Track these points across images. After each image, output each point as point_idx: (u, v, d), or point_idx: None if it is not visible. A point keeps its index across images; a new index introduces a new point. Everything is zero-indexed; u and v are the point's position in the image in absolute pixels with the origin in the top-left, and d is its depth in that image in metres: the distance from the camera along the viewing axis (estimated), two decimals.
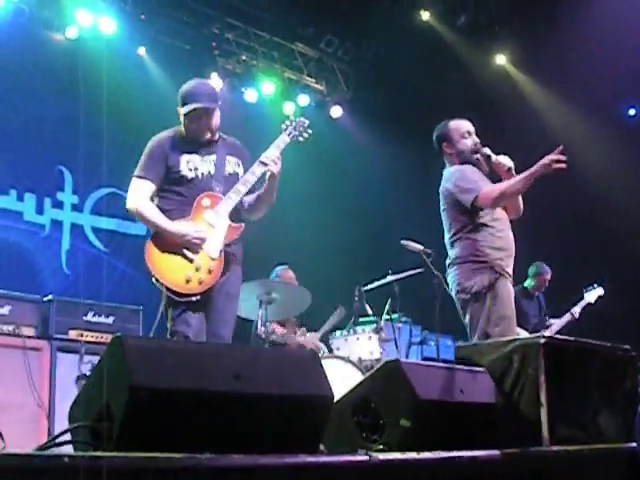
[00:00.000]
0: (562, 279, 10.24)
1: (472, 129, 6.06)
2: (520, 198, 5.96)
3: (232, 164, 5.48)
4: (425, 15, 12.14)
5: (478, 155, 5.96)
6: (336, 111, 13.18)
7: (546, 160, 5.49)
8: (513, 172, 5.77)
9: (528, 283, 10.17)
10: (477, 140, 6.01)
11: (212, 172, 5.36)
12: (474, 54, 12.15)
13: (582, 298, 9.96)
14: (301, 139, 5.73)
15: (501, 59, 12.49)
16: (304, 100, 12.87)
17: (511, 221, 6.02)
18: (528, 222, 6.18)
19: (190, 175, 5.32)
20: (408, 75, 11.87)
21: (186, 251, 5.15)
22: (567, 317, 9.90)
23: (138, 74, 11.21)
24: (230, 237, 5.26)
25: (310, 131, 5.77)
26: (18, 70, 9.96)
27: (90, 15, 10.32)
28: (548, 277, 10.15)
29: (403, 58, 11.89)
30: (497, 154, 5.89)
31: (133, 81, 11.03)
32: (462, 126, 6.06)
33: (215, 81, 11.71)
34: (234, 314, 5.43)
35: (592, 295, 9.96)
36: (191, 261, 5.13)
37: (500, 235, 5.82)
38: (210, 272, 5.13)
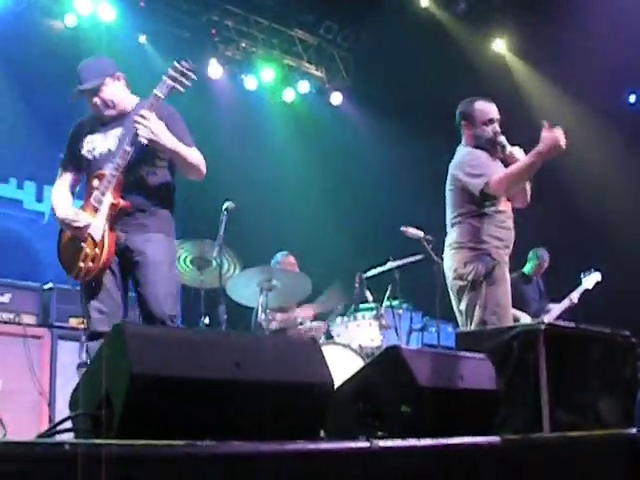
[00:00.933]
0: (560, 264, 10.24)
1: (496, 116, 5.97)
2: (528, 188, 5.94)
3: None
4: (424, 1, 12.10)
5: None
6: (336, 98, 13.14)
7: (550, 139, 5.47)
8: None
9: (527, 268, 10.17)
10: (498, 130, 5.92)
11: (112, 148, 5.09)
12: (474, 41, 12.13)
13: (580, 283, 9.98)
14: (181, 89, 5.12)
15: (500, 46, 12.47)
16: (304, 87, 12.87)
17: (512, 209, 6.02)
18: (527, 207, 6.16)
19: (89, 157, 5.15)
20: (407, 61, 11.85)
21: (76, 239, 5.11)
22: (566, 302, 9.91)
23: (138, 62, 11.19)
24: (110, 214, 4.98)
25: (194, 77, 5.18)
26: (17, 58, 9.94)
27: (89, 3, 10.30)
28: (547, 262, 10.17)
29: (402, 44, 11.87)
30: (513, 145, 5.84)
31: (132, 69, 11.01)
32: (487, 112, 5.96)
33: (215, 68, 11.72)
34: (166, 282, 5.07)
35: (590, 280, 9.97)
36: (80, 249, 5.06)
37: (501, 226, 5.81)
38: (94, 258, 4.99)
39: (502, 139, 5.87)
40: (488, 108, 5.99)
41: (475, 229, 5.76)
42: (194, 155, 5.15)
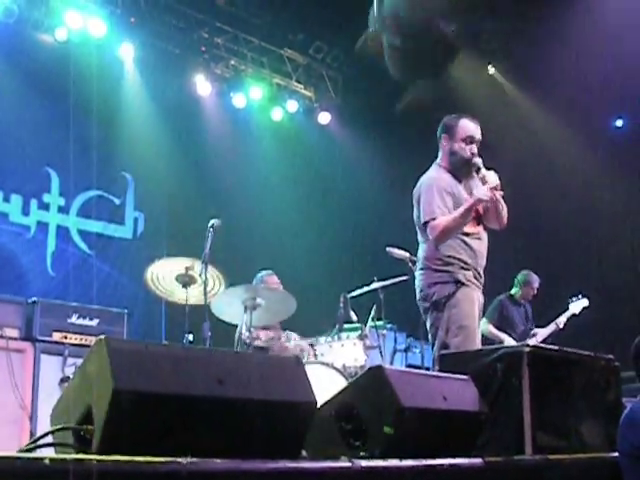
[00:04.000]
0: (547, 289, 10.23)
1: (477, 137, 5.96)
2: (504, 210, 5.94)
3: None
4: None
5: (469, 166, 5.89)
6: (324, 117, 13.19)
7: (484, 193, 5.62)
8: (498, 189, 5.74)
9: (515, 291, 10.08)
10: (475, 151, 5.90)
11: None
12: (464, 64, 12.16)
13: (567, 308, 9.96)
14: None
15: (490, 70, 12.54)
16: (292, 106, 12.91)
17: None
18: (514, 231, 6.18)
19: None
20: (396, 82, 11.88)
21: None
22: (552, 327, 9.89)
23: (126, 77, 11.21)
24: None
25: None
26: (6, 71, 9.94)
27: (80, 17, 10.30)
28: (536, 286, 10.06)
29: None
30: (488, 169, 5.80)
31: (121, 84, 11.04)
32: (468, 130, 5.94)
33: (203, 85, 11.76)
34: None
35: (577, 306, 9.95)
36: None
37: (465, 248, 5.84)
38: None
39: (478, 161, 5.84)
40: (472, 127, 5.97)
41: (438, 250, 5.81)
42: None
